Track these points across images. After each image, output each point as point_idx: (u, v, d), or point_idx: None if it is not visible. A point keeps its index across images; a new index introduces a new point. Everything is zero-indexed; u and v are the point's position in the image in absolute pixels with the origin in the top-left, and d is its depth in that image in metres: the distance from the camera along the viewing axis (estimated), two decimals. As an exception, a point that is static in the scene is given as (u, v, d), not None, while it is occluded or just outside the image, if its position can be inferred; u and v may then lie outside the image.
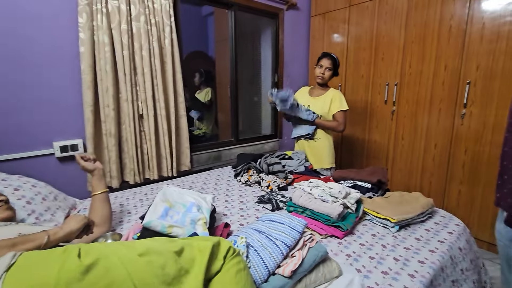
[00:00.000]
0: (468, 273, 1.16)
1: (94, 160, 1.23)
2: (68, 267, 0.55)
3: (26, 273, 0.55)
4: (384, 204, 1.36)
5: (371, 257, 1.06)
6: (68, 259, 0.57)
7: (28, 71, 1.62)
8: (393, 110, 2.43)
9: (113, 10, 1.76)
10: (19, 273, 0.55)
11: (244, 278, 0.70)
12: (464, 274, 1.14)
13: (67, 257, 0.58)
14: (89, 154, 1.25)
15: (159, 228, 0.98)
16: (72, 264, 0.56)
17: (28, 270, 0.56)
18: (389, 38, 2.38)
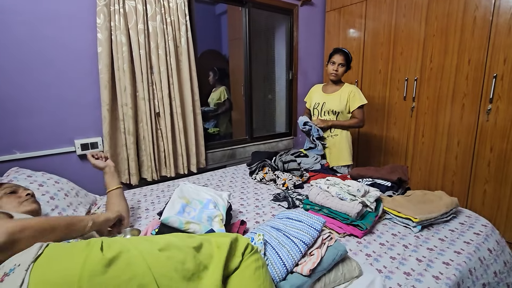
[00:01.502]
0: (502, 276, 1.10)
1: (105, 158, 1.26)
2: (91, 260, 0.57)
3: (52, 264, 0.57)
4: (405, 203, 1.31)
5: (392, 257, 1.03)
6: (91, 252, 0.59)
7: (50, 72, 1.67)
8: (413, 107, 2.34)
9: (130, 10, 1.79)
10: (46, 264, 0.56)
11: (263, 276, 0.69)
12: (498, 277, 1.08)
13: (91, 250, 0.59)
14: (101, 152, 1.29)
15: (177, 224, 0.98)
16: (95, 257, 0.57)
17: (54, 261, 0.57)
18: (409, 32, 2.30)
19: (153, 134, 1.99)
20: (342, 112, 1.99)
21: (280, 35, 3.00)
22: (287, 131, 3.12)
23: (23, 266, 0.55)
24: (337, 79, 2.01)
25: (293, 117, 3.07)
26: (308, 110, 2.24)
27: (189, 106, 2.11)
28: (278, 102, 3.20)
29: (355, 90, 1.98)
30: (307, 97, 2.26)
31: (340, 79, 2.04)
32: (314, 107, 2.12)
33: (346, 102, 1.97)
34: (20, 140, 1.64)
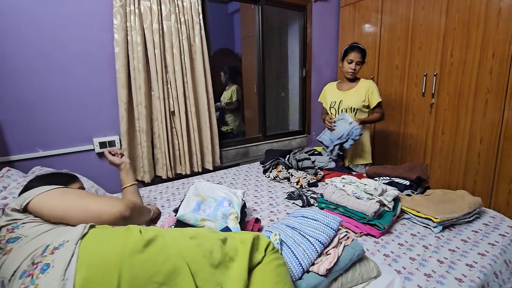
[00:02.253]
0: None
1: (121, 154, 1.28)
2: (132, 240, 0.63)
3: (97, 241, 0.64)
4: (425, 202, 1.27)
5: (412, 258, 1.00)
6: (131, 234, 0.66)
7: (71, 73, 1.72)
8: (432, 103, 2.26)
9: (145, 10, 1.81)
10: (92, 241, 0.64)
11: (284, 273, 0.72)
12: None
13: (131, 232, 0.67)
14: (117, 149, 1.31)
15: (192, 221, 0.99)
16: (135, 238, 0.64)
17: (99, 239, 0.65)
18: (428, 26, 2.21)
19: (168, 133, 2.01)
20: (360, 109, 1.93)
21: (293, 32, 2.97)
22: (300, 129, 3.09)
23: (72, 241, 0.62)
24: (353, 77, 1.96)
25: (307, 115, 3.04)
26: (325, 110, 2.15)
27: (204, 104, 2.12)
28: (291, 99, 3.17)
29: (373, 85, 1.92)
30: (322, 97, 2.18)
31: None
32: (330, 106, 2.05)
33: (364, 98, 1.91)
34: (43, 139, 1.70)
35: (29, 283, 0.56)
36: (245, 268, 0.66)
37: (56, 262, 0.58)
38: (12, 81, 1.56)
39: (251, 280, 0.68)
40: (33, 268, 0.59)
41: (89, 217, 0.74)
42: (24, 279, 0.58)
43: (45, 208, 0.73)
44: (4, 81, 1.54)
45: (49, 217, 0.73)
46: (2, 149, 1.58)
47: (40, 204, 0.74)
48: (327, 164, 1.94)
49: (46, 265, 0.58)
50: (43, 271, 0.57)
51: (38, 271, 0.57)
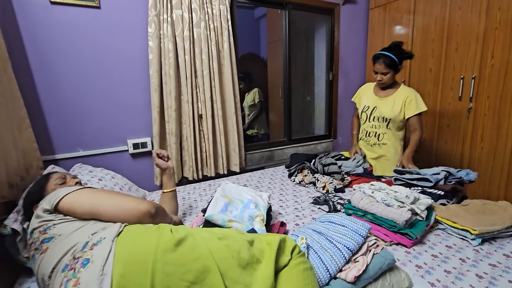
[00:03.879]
0: None
1: (167, 158, 1.28)
2: (164, 238, 0.67)
3: (132, 239, 0.69)
4: (462, 212, 1.19)
5: (447, 271, 0.94)
6: (163, 233, 0.70)
7: (108, 78, 1.85)
8: (470, 107, 2.12)
9: (177, 18, 1.90)
10: (127, 238, 0.68)
11: (311, 277, 0.72)
12: None
13: (162, 231, 0.70)
14: (165, 152, 1.29)
15: (220, 222, 1.02)
16: (167, 237, 0.68)
17: (133, 237, 0.70)
18: (465, 26, 2.09)
19: (196, 135, 2.08)
20: (393, 119, 1.79)
21: (320, 35, 2.95)
22: (326, 133, 3.04)
23: (109, 238, 0.67)
24: (386, 86, 1.82)
25: (333, 119, 2.99)
26: (357, 113, 2.07)
27: (231, 107, 2.17)
28: (317, 103, 3.13)
29: (413, 95, 1.73)
30: (356, 97, 2.07)
31: (394, 81, 1.82)
32: (362, 110, 1.93)
33: (401, 109, 1.74)
34: (82, 140, 1.83)
35: (71, 276, 0.60)
36: (272, 270, 0.67)
37: (95, 257, 0.62)
38: (57, 85, 1.71)
39: (278, 282, 0.68)
40: (74, 262, 0.63)
41: (121, 212, 0.79)
42: (67, 272, 0.62)
43: (77, 205, 0.78)
44: (51, 85, 1.69)
45: (82, 214, 0.78)
46: (48, 148, 1.73)
47: (71, 203, 0.78)
48: (354, 169, 1.89)
49: (86, 260, 0.62)
50: (84, 265, 0.61)
51: (79, 265, 0.62)
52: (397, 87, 1.82)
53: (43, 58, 1.65)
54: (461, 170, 1.45)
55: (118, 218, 0.78)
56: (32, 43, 1.61)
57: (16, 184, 1.16)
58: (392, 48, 1.73)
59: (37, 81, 1.65)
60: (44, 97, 1.68)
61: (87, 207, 0.78)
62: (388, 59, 1.69)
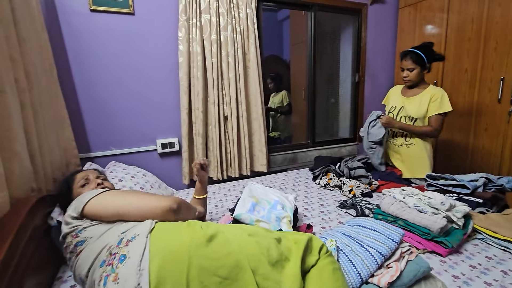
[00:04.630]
0: None
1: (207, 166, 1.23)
2: (196, 234, 0.69)
3: (165, 235, 0.71)
4: (503, 222, 1.12)
5: (488, 283, 0.88)
6: (195, 229, 0.71)
7: (140, 80, 1.94)
8: (511, 110, 1.99)
9: (205, 22, 1.96)
10: (160, 235, 0.71)
11: (341, 278, 0.70)
12: None
13: (194, 228, 0.72)
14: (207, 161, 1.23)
15: (248, 221, 1.03)
16: (199, 233, 0.70)
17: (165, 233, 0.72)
18: (506, 23, 1.96)
19: (221, 137, 2.12)
20: (421, 118, 1.75)
21: (346, 36, 2.90)
22: (351, 136, 2.97)
23: (143, 235, 0.69)
24: (412, 84, 1.79)
25: (359, 122, 2.91)
26: None
27: (258, 109, 2.19)
28: (342, 106, 3.07)
29: (440, 93, 1.70)
30: (385, 100, 2.06)
31: (421, 80, 1.79)
32: (389, 111, 1.91)
33: (427, 107, 1.72)
34: (115, 139, 1.93)
35: (110, 271, 0.63)
36: (299, 269, 0.67)
37: (132, 253, 0.64)
38: (94, 87, 1.81)
39: (308, 282, 0.68)
40: (111, 258, 0.67)
41: (145, 211, 0.80)
42: (105, 267, 0.66)
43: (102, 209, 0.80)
44: (88, 87, 1.80)
45: (107, 217, 0.80)
46: (85, 147, 1.84)
47: (95, 207, 0.81)
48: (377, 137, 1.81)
49: (123, 256, 0.65)
50: (121, 261, 0.64)
51: (117, 261, 0.65)
52: (425, 86, 1.78)
53: (82, 62, 1.76)
54: (503, 177, 1.35)
55: (144, 217, 0.80)
56: (73, 48, 1.73)
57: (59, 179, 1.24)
58: (421, 47, 1.72)
59: (76, 83, 1.77)
60: (82, 98, 1.79)
61: (112, 210, 0.80)
62: (415, 55, 1.69)
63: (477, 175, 1.36)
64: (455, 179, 1.38)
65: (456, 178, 1.39)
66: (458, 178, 1.38)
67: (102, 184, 1.08)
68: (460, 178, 1.37)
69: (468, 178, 1.35)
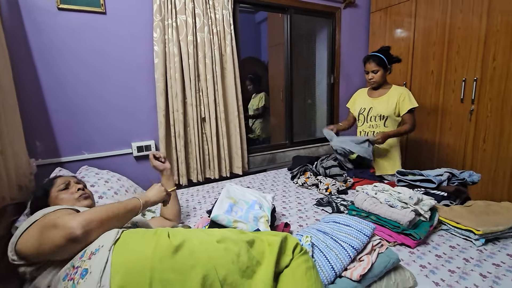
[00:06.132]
0: None
1: (164, 159, 1.30)
2: (161, 246, 0.64)
3: (129, 247, 0.66)
4: (466, 213, 1.20)
5: (452, 270, 0.95)
6: (160, 239, 0.66)
7: (113, 81, 1.87)
8: (472, 109, 2.13)
9: (181, 23, 1.93)
10: (124, 247, 0.66)
11: (314, 276, 0.70)
12: None
13: (159, 237, 0.67)
14: (162, 153, 1.31)
15: (225, 222, 1.03)
16: (164, 243, 0.65)
17: (130, 245, 0.67)
18: (466, 29, 2.11)
19: (199, 138, 2.10)
20: (390, 116, 1.86)
21: (322, 38, 2.98)
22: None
23: (106, 247, 0.64)
24: (378, 85, 1.91)
25: (334, 122, 3.00)
26: (349, 117, 2.14)
27: (234, 111, 2.19)
28: (318, 106, 3.15)
29: (405, 92, 1.84)
30: (350, 103, 2.15)
31: (384, 81, 1.92)
32: (359, 112, 2.01)
33: (395, 106, 1.84)
34: (87, 142, 1.85)
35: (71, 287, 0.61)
36: (271, 274, 0.66)
37: (94, 268, 0.61)
38: (63, 88, 1.73)
39: (280, 284, 0.67)
40: (73, 272, 0.63)
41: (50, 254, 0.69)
42: (67, 282, 0.62)
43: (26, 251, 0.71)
44: (56, 88, 1.71)
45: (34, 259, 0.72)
46: (54, 151, 1.75)
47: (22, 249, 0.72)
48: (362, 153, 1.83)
49: (85, 270, 0.62)
50: (83, 276, 0.61)
51: (79, 276, 0.61)
52: (389, 86, 1.92)
53: (50, 62, 1.68)
54: (464, 172, 1.46)
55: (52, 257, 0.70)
56: (39, 48, 1.64)
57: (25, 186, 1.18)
58: (381, 51, 1.87)
59: (43, 84, 1.68)
60: (49, 100, 1.71)
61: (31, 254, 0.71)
62: (377, 58, 1.83)
63: (442, 170, 1.45)
64: (423, 175, 1.46)
65: (423, 173, 1.47)
66: (425, 173, 1.46)
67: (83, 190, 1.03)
68: (427, 173, 1.46)
69: (434, 173, 1.44)
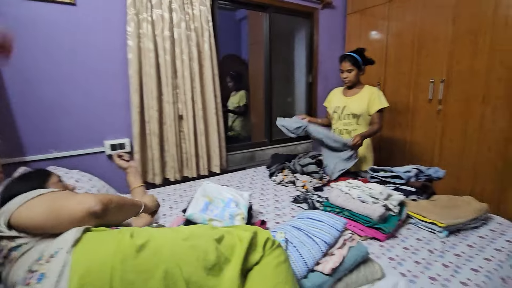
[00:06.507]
0: None
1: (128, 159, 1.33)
2: (123, 246, 0.62)
3: (89, 248, 0.63)
4: (431, 207, 1.27)
5: (417, 261, 1.00)
6: (123, 239, 0.64)
7: (85, 77, 1.79)
8: (439, 109, 2.26)
9: (157, 18, 1.88)
10: (84, 248, 0.62)
11: (284, 271, 0.69)
12: None
13: (122, 237, 0.65)
14: (125, 153, 1.36)
15: (200, 221, 1.02)
16: (126, 243, 0.63)
17: (90, 246, 0.63)
18: (435, 33, 2.23)
19: (176, 136, 2.06)
20: (363, 115, 1.94)
21: (300, 38, 3.02)
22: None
23: (65, 249, 0.61)
24: (352, 84, 1.98)
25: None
26: (327, 115, 2.20)
27: (212, 109, 2.17)
28: (297, 105, 3.20)
29: (376, 92, 1.92)
30: (327, 101, 2.22)
31: (358, 81, 1.99)
32: (334, 111, 2.08)
33: (367, 105, 1.91)
34: (56, 141, 1.76)
35: None
36: (238, 271, 0.65)
37: (51, 272, 0.58)
38: (28, 83, 1.63)
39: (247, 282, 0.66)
40: (30, 276, 0.59)
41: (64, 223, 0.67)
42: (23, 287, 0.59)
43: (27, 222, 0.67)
44: (19, 85, 1.61)
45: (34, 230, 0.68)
46: (18, 150, 1.65)
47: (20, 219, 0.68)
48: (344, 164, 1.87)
49: (42, 274, 0.58)
50: (39, 280, 0.57)
51: (35, 280, 0.58)
52: (362, 86, 1.99)
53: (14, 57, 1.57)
54: (431, 168, 1.54)
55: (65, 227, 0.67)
56: (1, 39, 1.53)
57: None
58: (356, 52, 1.93)
59: (6, 80, 1.57)
60: (14, 96, 1.60)
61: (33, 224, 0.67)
62: (352, 58, 1.89)
63: (411, 167, 1.52)
64: (393, 171, 1.53)
65: (393, 170, 1.54)
66: (395, 170, 1.53)
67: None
68: (396, 170, 1.53)
69: (403, 169, 1.51)
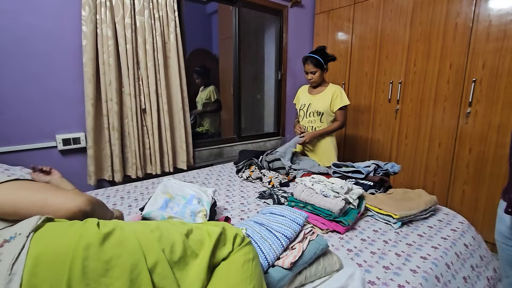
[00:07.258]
0: (480, 270, 1.14)
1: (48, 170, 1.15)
2: (87, 233, 0.60)
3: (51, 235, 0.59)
4: (387, 200, 1.34)
5: (373, 252, 1.05)
6: (88, 228, 0.62)
7: (33, 62, 1.62)
8: (397, 109, 2.40)
9: (117, 3, 1.76)
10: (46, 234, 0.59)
11: (251, 269, 0.68)
12: (475, 270, 1.12)
13: (88, 226, 0.62)
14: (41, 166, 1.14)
15: (159, 219, 0.97)
16: (91, 231, 0.60)
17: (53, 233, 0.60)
18: (394, 36, 2.36)
19: (139, 131, 1.96)
20: (326, 112, 2.01)
21: (270, 35, 3.03)
22: (275, 131, 3.14)
23: (24, 234, 0.58)
24: (317, 84, 2.04)
25: (281, 117, 3.10)
26: None
27: (178, 103, 2.09)
28: (267, 102, 3.21)
29: (339, 90, 1.99)
30: (296, 99, 2.26)
31: (322, 80, 2.05)
32: (300, 108, 2.13)
33: (330, 102, 1.98)
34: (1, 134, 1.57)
35: None
36: (205, 265, 0.64)
37: (5, 255, 0.54)
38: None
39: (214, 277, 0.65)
40: None
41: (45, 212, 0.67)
42: None
43: None
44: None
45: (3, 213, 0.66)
46: (-51, 144, 1.45)
47: None
48: None
49: None
50: None
51: None
52: (326, 85, 2.06)
53: None
54: (388, 163, 1.63)
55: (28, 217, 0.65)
56: None
57: None
58: (317, 52, 1.97)
59: None
60: None
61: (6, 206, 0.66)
62: (314, 60, 1.94)
63: (370, 162, 1.60)
64: (354, 166, 1.60)
65: (355, 165, 1.61)
66: (356, 165, 1.60)
67: None
68: (357, 165, 1.59)
69: (363, 165, 1.58)
